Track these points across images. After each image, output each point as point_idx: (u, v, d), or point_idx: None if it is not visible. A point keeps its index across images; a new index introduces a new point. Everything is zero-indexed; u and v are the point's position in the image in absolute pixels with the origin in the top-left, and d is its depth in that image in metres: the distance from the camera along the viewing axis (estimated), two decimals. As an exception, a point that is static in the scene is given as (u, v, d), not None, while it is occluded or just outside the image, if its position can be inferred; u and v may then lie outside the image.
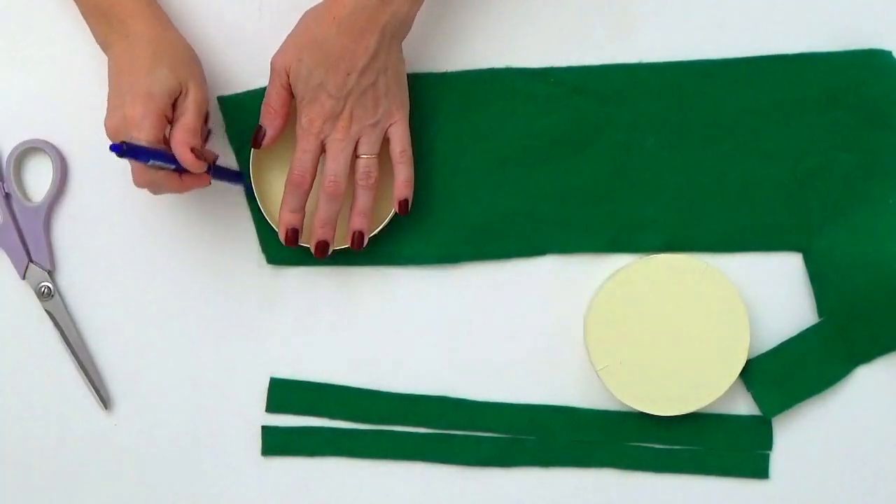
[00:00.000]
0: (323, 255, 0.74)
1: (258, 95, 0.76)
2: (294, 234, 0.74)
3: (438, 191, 0.77)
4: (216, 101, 0.78)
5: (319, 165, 0.73)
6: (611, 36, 0.77)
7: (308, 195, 0.73)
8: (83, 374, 0.78)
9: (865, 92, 0.77)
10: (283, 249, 0.76)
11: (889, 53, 0.77)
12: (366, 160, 0.73)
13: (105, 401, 0.79)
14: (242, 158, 0.78)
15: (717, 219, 0.77)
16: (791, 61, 0.77)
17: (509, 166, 0.77)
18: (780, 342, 0.77)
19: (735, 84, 0.77)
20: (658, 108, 0.77)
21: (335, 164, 0.72)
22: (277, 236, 0.76)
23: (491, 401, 0.79)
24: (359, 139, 0.72)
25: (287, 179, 0.73)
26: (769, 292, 0.78)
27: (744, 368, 0.75)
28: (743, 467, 0.77)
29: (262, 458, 0.79)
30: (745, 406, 0.78)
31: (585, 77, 0.77)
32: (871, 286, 0.75)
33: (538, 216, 0.78)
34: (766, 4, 0.78)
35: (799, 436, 0.78)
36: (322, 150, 0.72)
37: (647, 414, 0.76)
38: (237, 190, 0.78)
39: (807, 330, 0.77)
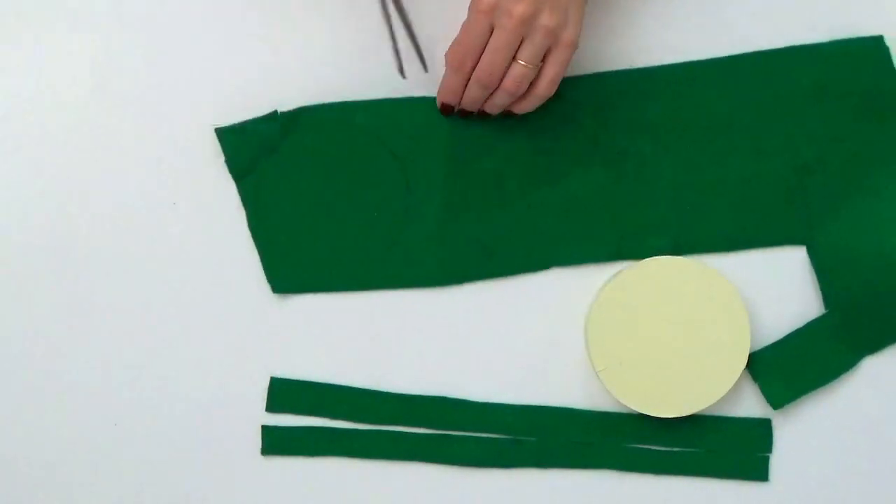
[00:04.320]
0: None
1: (256, 125, 0.77)
2: (448, 109, 0.74)
3: (440, 211, 0.77)
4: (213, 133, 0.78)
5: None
6: (599, 43, 0.77)
7: (468, 78, 0.71)
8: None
9: (857, 80, 0.77)
10: (288, 278, 0.78)
11: (880, 38, 0.76)
12: (523, 68, 0.69)
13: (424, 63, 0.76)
14: (243, 188, 0.78)
15: (720, 218, 0.77)
16: (780, 55, 0.77)
17: (509, 182, 0.77)
18: (785, 334, 0.77)
19: (727, 82, 0.77)
20: (652, 112, 0.77)
21: (493, 56, 0.69)
22: (282, 265, 0.77)
23: (491, 401, 0.79)
24: (523, 41, 0.68)
25: (449, 59, 0.71)
26: (774, 287, 0.78)
27: (749, 360, 0.75)
28: (743, 470, 0.77)
29: (262, 458, 0.79)
30: (745, 408, 0.78)
31: (580, 87, 0.77)
32: (876, 276, 0.75)
33: (541, 231, 0.78)
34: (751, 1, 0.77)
35: (799, 439, 0.78)
36: (489, 33, 0.69)
37: (647, 416, 0.76)
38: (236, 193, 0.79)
39: (813, 321, 0.77)
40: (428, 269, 0.78)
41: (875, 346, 0.77)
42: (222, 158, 0.78)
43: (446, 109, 0.74)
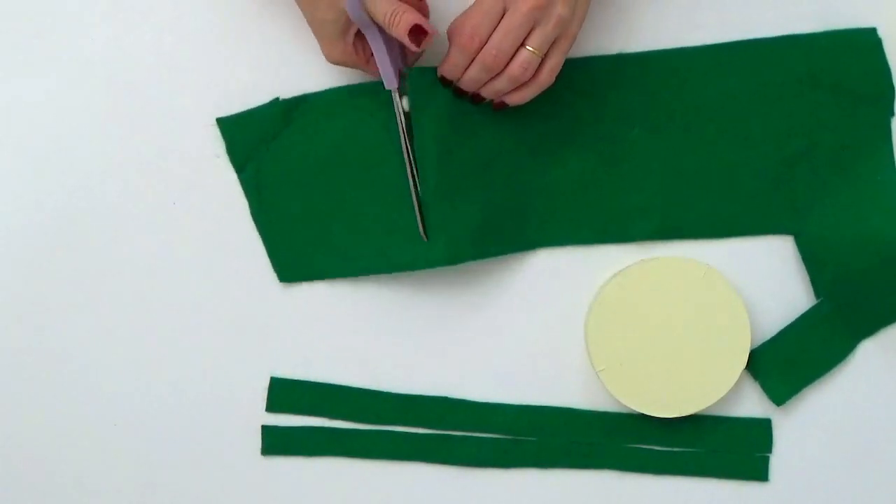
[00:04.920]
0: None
1: (257, 113, 0.77)
2: (448, 82, 0.72)
3: (432, 191, 0.77)
4: (215, 123, 0.78)
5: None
6: (591, 28, 0.77)
7: (473, 58, 0.69)
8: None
9: (848, 71, 0.77)
10: (293, 266, 0.78)
11: (873, 31, 0.76)
12: (531, 54, 0.68)
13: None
14: (245, 177, 0.78)
15: (706, 205, 0.77)
16: (772, 44, 0.77)
17: (499, 163, 0.77)
18: (780, 328, 0.77)
19: (718, 69, 0.77)
20: (642, 97, 0.77)
21: (502, 39, 0.68)
22: (286, 253, 0.77)
23: (491, 401, 0.79)
24: (534, 28, 0.68)
25: (455, 36, 0.70)
26: (764, 280, 0.78)
27: (749, 359, 0.75)
28: (743, 470, 0.77)
29: (262, 458, 0.79)
30: (745, 408, 0.78)
31: (571, 71, 0.77)
32: (864, 262, 0.75)
33: (529, 211, 0.78)
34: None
35: (799, 438, 0.78)
36: (501, 16, 0.68)
37: (647, 416, 0.76)
38: (238, 191, 0.79)
39: (806, 313, 0.77)
40: (424, 252, 0.77)
41: (869, 331, 0.77)
42: (221, 157, 0.78)
43: (445, 82, 0.73)
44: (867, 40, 0.76)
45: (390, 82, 0.73)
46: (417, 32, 0.68)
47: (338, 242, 0.78)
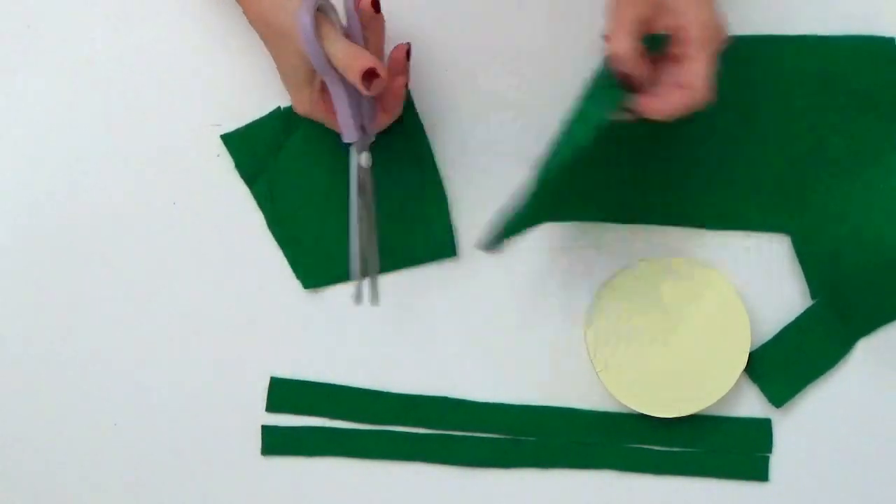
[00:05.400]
0: None
1: (260, 125, 0.78)
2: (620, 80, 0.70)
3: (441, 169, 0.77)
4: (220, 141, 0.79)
5: None
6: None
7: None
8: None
9: (861, 77, 0.76)
10: (315, 272, 0.78)
11: (891, 41, 0.76)
12: None
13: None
14: (257, 190, 0.78)
15: (706, 196, 0.77)
16: (788, 43, 0.77)
17: None
18: (777, 330, 0.77)
19: (731, 62, 0.77)
20: None
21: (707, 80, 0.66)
22: (307, 260, 0.77)
23: (491, 401, 0.78)
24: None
25: (694, 92, 0.66)
26: (765, 280, 0.77)
27: (747, 362, 0.75)
28: (743, 470, 0.77)
29: (262, 458, 0.79)
30: (745, 408, 0.78)
31: None
32: (860, 262, 0.75)
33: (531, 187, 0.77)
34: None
35: (799, 439, 0.78)
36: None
37: (647, 416, 0.76)
38: (245, 193, 0.79)
39: (803, 314, 0.77)
40: (438, 239, 0.77)
41: (866, 330, 0.77)
42: (222, 158, 0.78)
43: (620, 81, 0.70)
44: (884, 49, 0.76)
45: (349, 135, 0.71)
46: (370, 76, 0.67)
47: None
